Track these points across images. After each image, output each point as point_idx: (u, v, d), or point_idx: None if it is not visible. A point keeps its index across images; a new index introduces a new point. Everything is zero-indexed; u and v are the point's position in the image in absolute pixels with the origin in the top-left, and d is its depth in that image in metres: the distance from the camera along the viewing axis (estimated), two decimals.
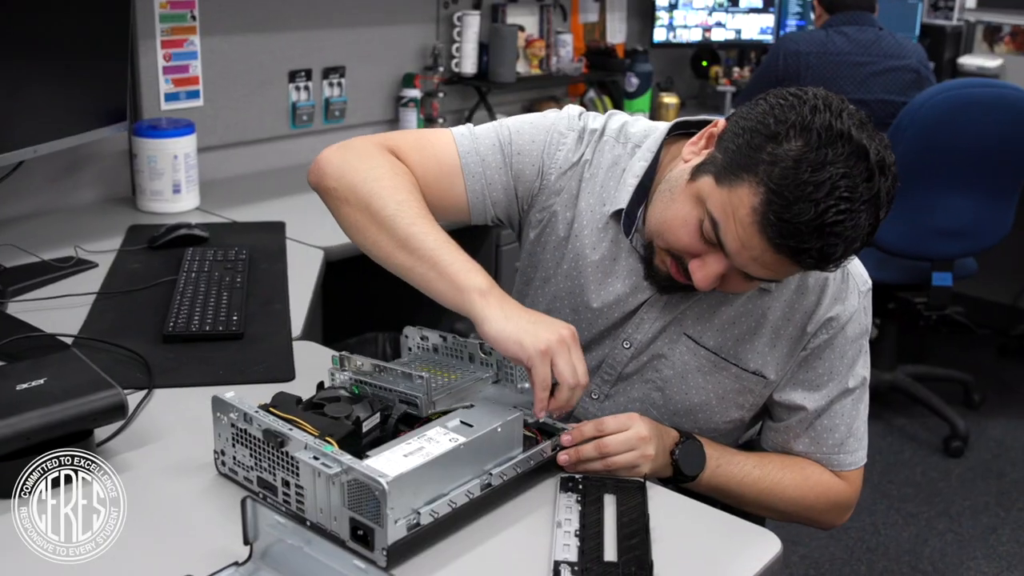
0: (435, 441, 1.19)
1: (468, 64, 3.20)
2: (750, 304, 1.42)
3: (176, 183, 2.39)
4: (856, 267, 1.45)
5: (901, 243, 3.11)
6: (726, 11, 3.91)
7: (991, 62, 4.15)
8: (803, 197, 1.15)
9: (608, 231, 1.46)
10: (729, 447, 1.46)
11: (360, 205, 1.39)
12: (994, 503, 3.10)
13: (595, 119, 1.52)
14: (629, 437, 1.30)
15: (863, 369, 1.46)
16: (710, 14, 3.90)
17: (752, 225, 1.19)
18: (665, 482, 1.37)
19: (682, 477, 1.37)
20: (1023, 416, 3.63)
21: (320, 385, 1.38)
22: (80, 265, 2.01)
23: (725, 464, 1.40)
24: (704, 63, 4.08)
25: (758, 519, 1.60)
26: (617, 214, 1.45)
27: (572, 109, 1.53)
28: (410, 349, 1.49)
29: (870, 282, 1.46)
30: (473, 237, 1.65)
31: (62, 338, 1.65)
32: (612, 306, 1.47)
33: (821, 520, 1.50)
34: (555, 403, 1.25)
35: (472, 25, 3.16)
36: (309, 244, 2.20)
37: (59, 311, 1.79)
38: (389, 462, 1.13)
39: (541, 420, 1.29)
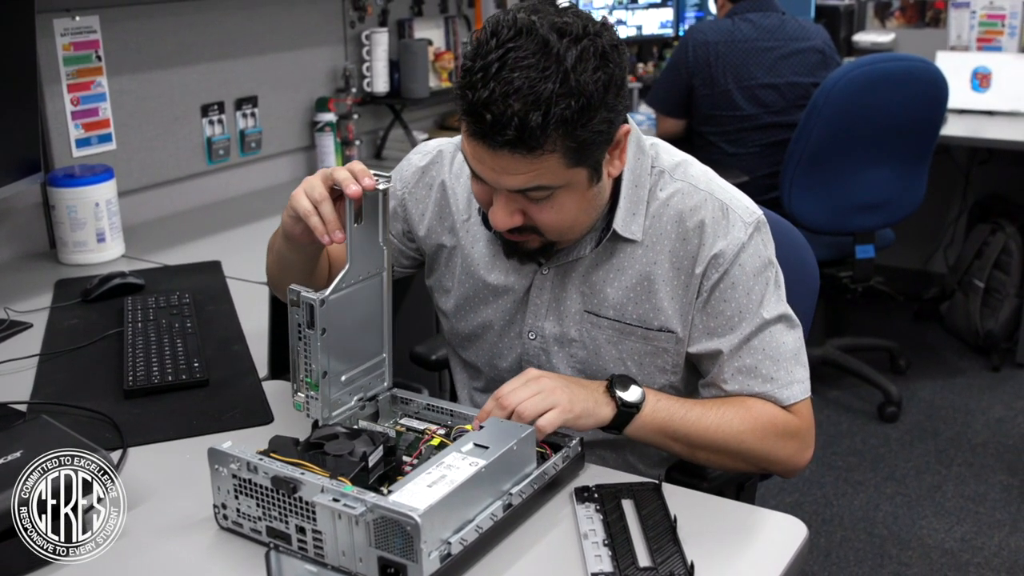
0: (455, 467, 1.15)
1: (380, 83, 3.16)
2: (636, 265, 1.43)
3: (100, 232, 2.29)
4: (737, 201, 1.43)
5: (824, 220, 3.19)
6: (626, 8, 3.95)
7: (884, 37, 4.30)
8: (475, 84, 1.20)
9: (483, 231, 1.51)
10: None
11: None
12: (934, 462, 3.19)
13: (456, 141, 1.58)
14: (527, 387, 1.30)
15: (778, 304, 1.43)
16: (610, 12, 3.93)
17: (465, 133, 1.26)
18: (611, 428, 1.34)
19: (625, 408, 1.34)
20: (948, 376, 3.76)
21: (315, 424, 1.33)
22: (14, 327, 1.90)
23: (664, 399, 1.37)
24: None
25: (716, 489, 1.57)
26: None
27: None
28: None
29: (758, 212, 1.44)
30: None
31: (15, 406, 1.56)
32: (504, 297, 1.51)
33: (778, 455, 1.42)
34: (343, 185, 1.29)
35: (381, 43, 3.12)
36: (251, 281, 2.13)
37: (3, 377, 1.69)
38: (414, 495, 1.09)
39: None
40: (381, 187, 1.31)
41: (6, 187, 2.09)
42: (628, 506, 1.23)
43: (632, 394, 1.35)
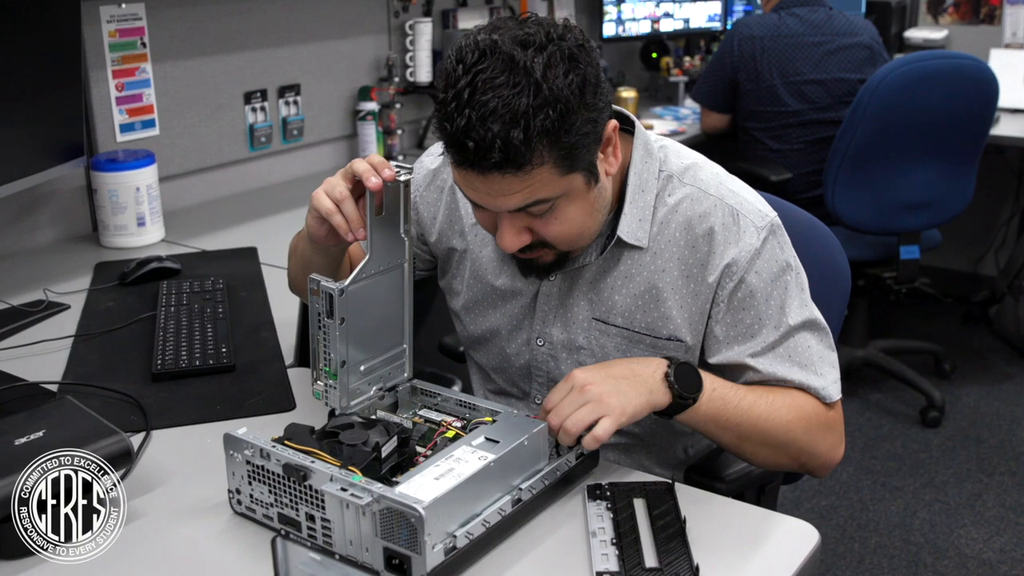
0: (463, 461, 1.15)
1: (423, 72, 3.17)
2: (644, 272, 1.41)
3: (140, 216, 2.32)
4: (748, 205, 1.39)
5: (868, 220, 3.14)
6: (673, 1, 3.92)
7: (936, 34, 4.22)
8: (452, 114, 1.19)
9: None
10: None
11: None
12: (976, 469, 3.13)
13: None
14: (572, 399, 1.25)
15: (802, 308, 1.39)
16: (658, 5, 3.90)
17: (452, 164, 1.25)
18: (664, 413, 1.31)
19: (680, 401, 1.30)
20: (994, 382, 3.69)
21: (331, 413, 1.34)
22: (51, 308, 1.94)
23: (720, 388, 1.33)
24: (654, 55, 4.08)
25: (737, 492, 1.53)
26: None
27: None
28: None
29: (772, 215, 1.40)
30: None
31: (46, 386, 1.59)
32: (512, 302, 1.50)
33: (819, 448, 1.39)
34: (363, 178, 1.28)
35: (424, 33, 3.13)
36: (285, 268, 2.14)
37: (37, 357, 1.73)
38: (421, 487, 1.10)
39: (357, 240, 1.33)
40: (402, 178, 1.31)
41: (49, 170, 2.13)
42: (639, 505, 1.23)
43: (691, 388, 1.30)
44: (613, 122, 1.30)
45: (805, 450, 1.39)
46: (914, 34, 4.23)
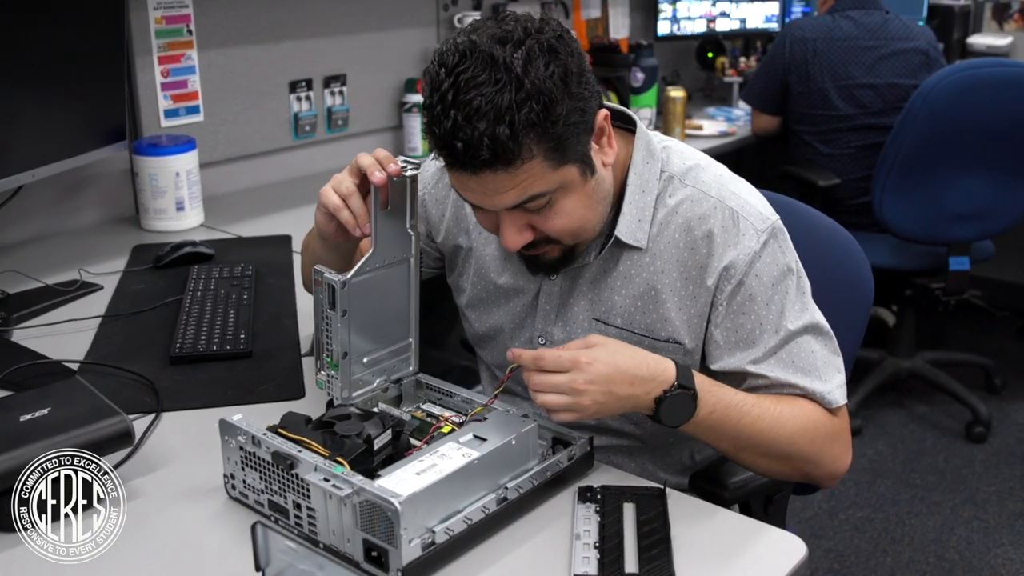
0: (448, 457, 1.16)
1: None
2: (644, 273, 1.39)
3: (179, 200, 2.37)
4: (749, 208, 1.37)
5: (916, 229, 3.07)
6: (730, 0, 3.87)
7: (1001, 40, 4.09)
8: (438, 118, 1.19)
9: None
10: (727, 386, 1.33)
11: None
12: (1019, 488, 3.05)
13: None
14: (562, 384, 1.22)
15: (803, 313, 1.36)
16: (714, 4, 3.85)
17: (446, 168, 1.26)
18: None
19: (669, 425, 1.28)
20: None
21: (330, 403, 1.35)
22: (84, 288, 1.99)
23: (722, 409, 1.29)
24: (710, 54, 4.04)
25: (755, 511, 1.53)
26: None
27: None
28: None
29: (774, 217, 1.38)
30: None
31: (68, 364, 1.64)
32: (514, 300, 1.50)
33: (824, 458, 1.36)
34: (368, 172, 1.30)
35: None
36: None
37: (65, 336, 1.77)
38: (401, 481, 1.11)
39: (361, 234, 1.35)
40: (408, 173, 1.32)
41: (91, 152, 2.18)
42: (628, 510, 1.22)
43: (673, 421, 1.27)
44: (603, 111, 1.30)
45: (809, 460, 1.37)
46: (977, 40, 4.11)
